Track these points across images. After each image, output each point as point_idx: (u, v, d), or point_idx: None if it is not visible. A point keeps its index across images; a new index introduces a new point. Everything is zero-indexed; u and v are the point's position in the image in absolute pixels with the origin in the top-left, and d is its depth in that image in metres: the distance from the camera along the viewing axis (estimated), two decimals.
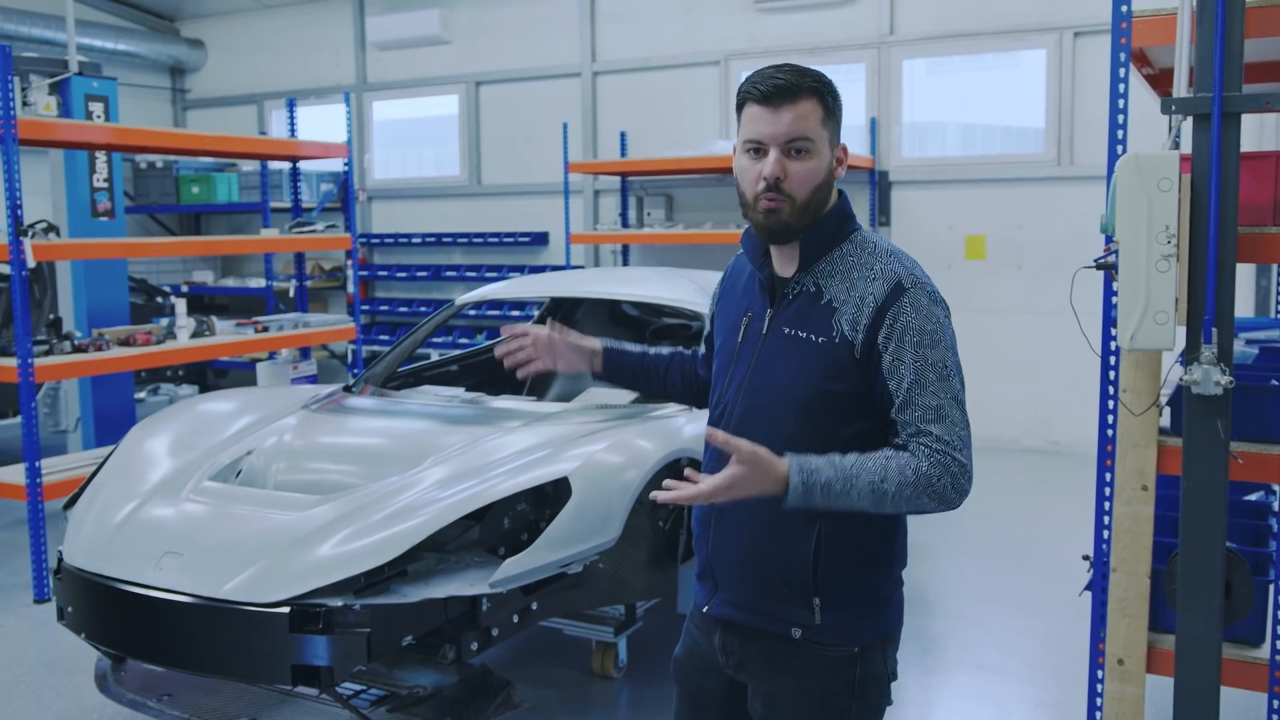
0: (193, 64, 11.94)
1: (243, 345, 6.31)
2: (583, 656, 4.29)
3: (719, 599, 2.13)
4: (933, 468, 1.89)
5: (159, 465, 3.76)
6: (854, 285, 1.99)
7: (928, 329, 1.94)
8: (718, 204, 9.28)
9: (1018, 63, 8.31)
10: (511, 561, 3.14)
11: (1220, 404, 2.65)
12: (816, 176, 1.98)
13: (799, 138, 1.95)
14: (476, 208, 10.55)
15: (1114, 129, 2.91)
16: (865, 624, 2.05)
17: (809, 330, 1.99)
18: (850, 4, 8.59)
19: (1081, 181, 7.86)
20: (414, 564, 3.23)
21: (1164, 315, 2.60)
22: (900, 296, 1.95)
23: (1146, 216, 2.59)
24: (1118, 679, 3.02)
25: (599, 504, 3.30)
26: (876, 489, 1.87)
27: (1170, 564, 2.96)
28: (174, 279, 11.14)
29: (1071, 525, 6.24)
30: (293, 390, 4.75)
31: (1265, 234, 2.77)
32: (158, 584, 3.10)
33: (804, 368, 1.99)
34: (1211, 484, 2.70)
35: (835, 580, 2.01)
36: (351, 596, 3.01)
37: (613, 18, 9.69)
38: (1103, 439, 3.05)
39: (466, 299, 5.11)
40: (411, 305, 10.68)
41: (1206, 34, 2.58)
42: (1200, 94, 2.60)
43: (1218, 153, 2.58)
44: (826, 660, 2.03)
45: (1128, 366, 2.95)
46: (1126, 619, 3.00)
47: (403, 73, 10.80)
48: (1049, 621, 4.77)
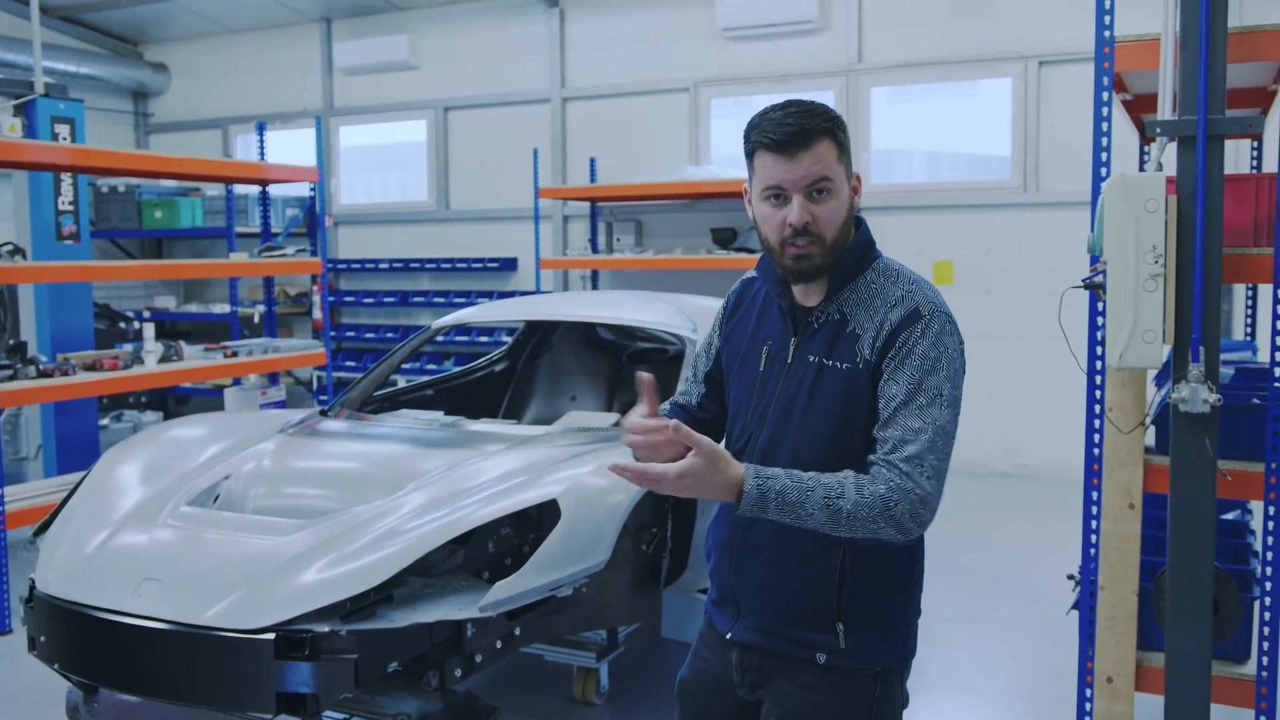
0: (156, 88, 11.83)
1: (212, 370, 6.23)
2: (564, 683, 4.24)
3: (742, 625, 2.11)
4: (891, 492, 1.85)
5: (133, 491, 3.69)
6: (876, 311, 1.99)
7: (932, 355, 1.93)
8: (687, 230, 9.31)
9: (977, 92, 8.45)
10: (502, 585, 3.10)
11: (1208, 422, 2.68)
12: (840, 214, 1.98)
13: (820, 179, 1.94)
14: (445, 233, 10.51)
15: (1098, 151, 2.95)
16: (888, 647, 2.05)
17: (834, 358, 1.99)
18: (819, 32, 8.69)
19: (1048, 208, 7.98)
20: (399, 589, 3.18)
21: (1152, 334, 2.64)
22: (915, 323, 1.95)
23: (1134, 237, 2.63)
24: (1107, 697, 3.04)
25: (588, 526, 3.27)
26: (831, 505, 1.84)
27: (1158, 582, 2.99)
28: (135, 304, 10.97)
29: (1044, 547, 6.31)
30: (266, 415, 4.68)
31: (1248, 255, 2.83)
32: (137, 611, 3.03)
33: (831, 395, 1.98)
34: (1199, 501, 2.73)
35: (859, 604, 2.01)
36: (338, 622, 2.95)
37: (582, 44, 9.74)
38: (1089, 458, 3.08)
39: (443, 323, 5.07)
40: (379, 331, 10.60)
41: (1191, 58, 2.64)
42: (1185, 117, 2.65)
43: (1203, 174, 2.62)
44: (848, 681, 2.03)
45: (1113, 386, 2.99)
46: (1115, 637, 3.02)
47: (370, 98, 10.77)
48: (1028, 643, 4.78)
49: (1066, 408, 7.85)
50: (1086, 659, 3.12)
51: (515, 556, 3.55)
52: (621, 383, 5.70)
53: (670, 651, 4.68)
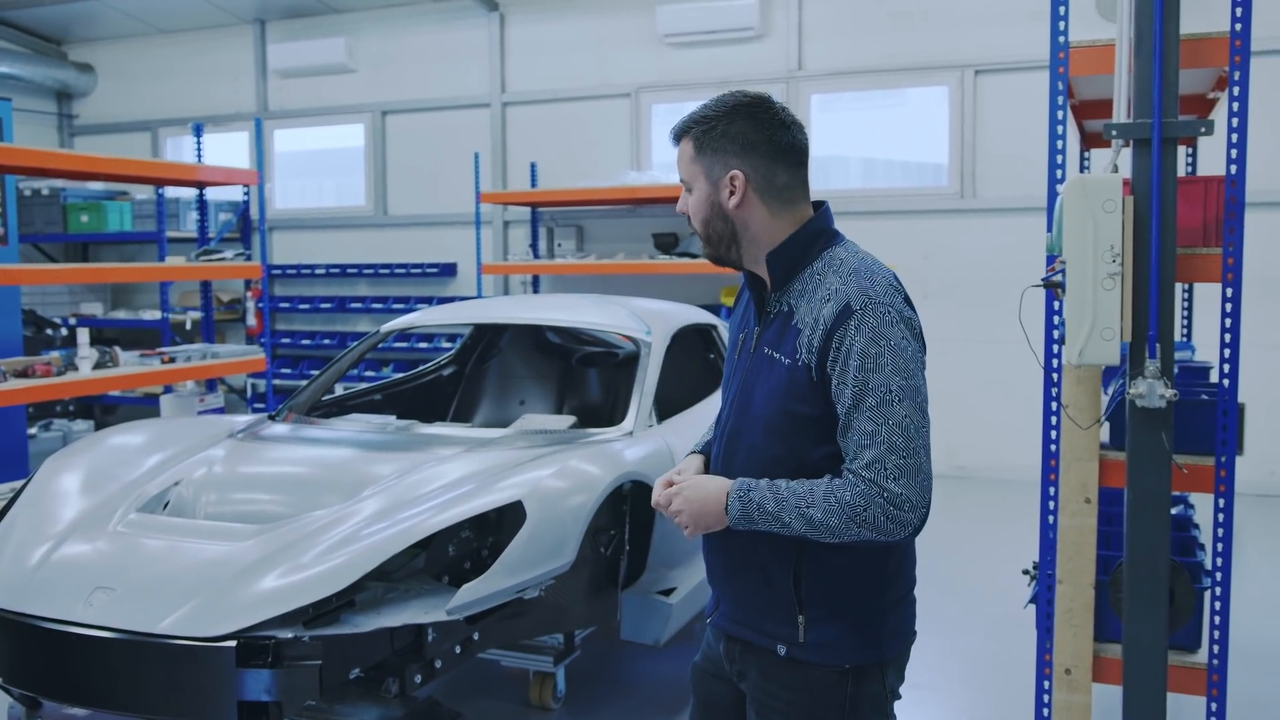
0: (81, 89, 11.52)
1: (149, 376, 6.07)
2: (520, 688, 4.21)
3: (720, 612, 2.19)
4: (856, 497, 1.87)
5: (78, 500, 3.58)
6: (814, 306, 1.99)
7: (872, 352, 1.90)
8: (629, 235, 9.32)
9: (914, 100, 8.57)
10: (469, 587, 3.07)
11: (1163, 416, 2.76)
12: (700, 208, 2.10)
13: (682, 177, 2.13)
14: (382, 238, 10.39)
15: (1053, 154, 3.02)
16: (856, 643, 2.03)
17: (779, 351, 2.02)
18: (759, 39, 8.77)
19: (984, 214, 8.14)
20: (361, 594, 3.13)
21: (1110, 331, 2.70)
22: (847, 320, 1.92)
23: (1093, 237, 2.69)
24: (1065, 688, 3.10)
25: (554, 527, 3.26)
26: (804, 514, 1.90)
27: (1115, 574, 3.06)
28: (61, 310, 10.65)
29: (983, 547, 6.43)
30: (210, 421, 4.58)
31: (1198, 254, 2.91)
32: (88, 621, 2.94)
33: (773, 388, 2.02)
34: (1156, 494, 2.80)
35: (822, 598, 2.02)
36: (301, 628, 2.90)
37: (523, 49, 9.70)
38: (1046, 454, 3.14)
39: (392, 326, 5.01)
40: (315, 338, 10.43)
41: (1145, 64, 2.71)
42: (1140, 120, 2.72)
43: (1158, 176, 2.70)
44: (815, 677, 2.03)
45: (1069, 383, 3.05)
46: (1073, 629, 3.09)
47: (307, 101, 10.60)
48: (975, 639, 4.87)
49: (1005, 409, 8.05)
50: (1045, 651, 3.18)
51: (474, 560, 3.52)
52: (571, 386, 5.69)
53: (626, 655, 4.67)
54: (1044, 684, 3.18)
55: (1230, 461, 2.96)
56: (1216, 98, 3.61)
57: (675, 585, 4.03)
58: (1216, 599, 3.05)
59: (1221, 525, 3.03)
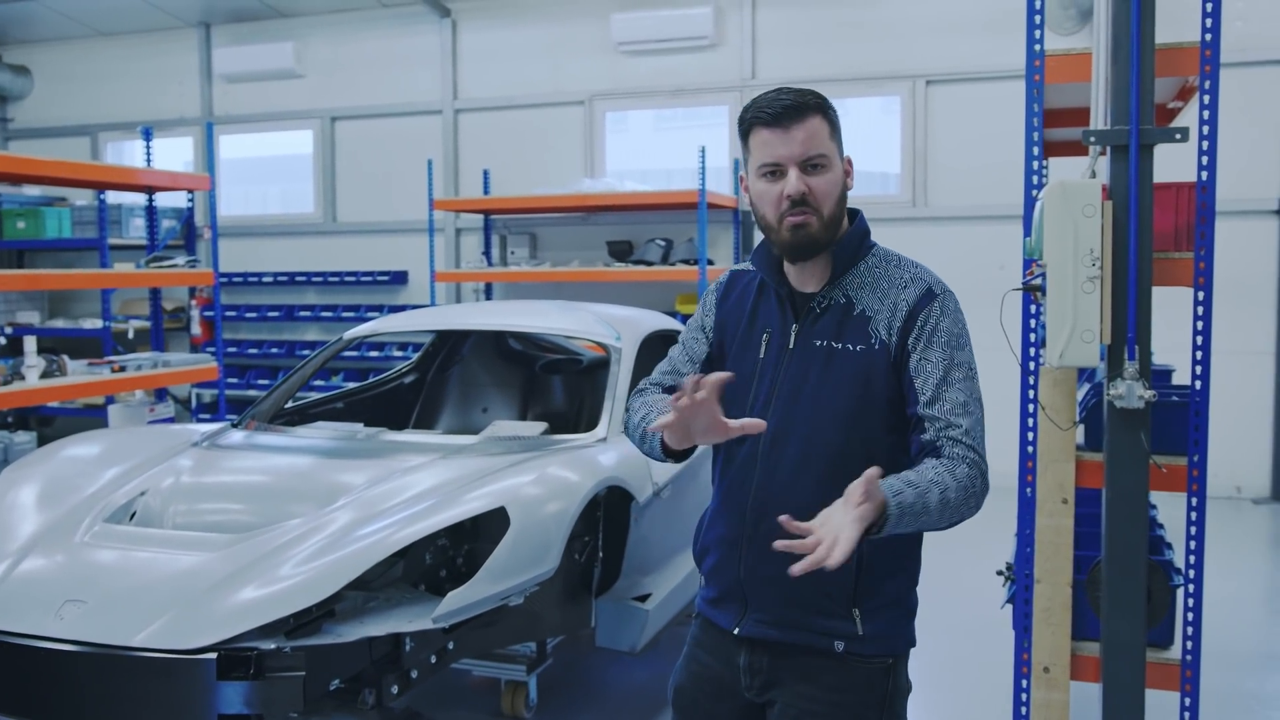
0: (16, 91, 11.21)
1: (99, 386, 5.92)
2: (492, 697, 4.17)
3: (751, 619, 2.08)
4: (971, 468, 1.90)
5: (38, 512, 3.47)
6: (885, 294, 2.04)
7: (955, 331, 2.00)
8: (583, 243, 9.30)
9: (855, 110, 8.65)
10: (455, 595, 3.03)
11: (1141, 417, 2.81)
12: (836, 188, 2.02)
13: (814, 154, 1.98)
14: (332, 246, 10.25)
15: (1029, 160, 3.08)
16: (899, 634, 2.08)
17: (844, 340, 2.02)
18: (713, 48, 8.82)
19: (935, 222, 8.26)
20: (341, 603, 3.07)
21: (1090, 333, 2.76)
22: (931, 301, 2.02)
23: (1073, 241, 2.74)
24: (1044, 687, 3.14)
25: (536, 534, 3.22)
26: (943, 498, 1.84)
27: (1093, 573, 3.11)
28: None
29: (956, 548, 6.48)
30: (168, 430, 4.48)
31: (1172, 258, 2.98)
32: (59, 635, 2.84)
33: (843, 377, 2.00)
34: (1134, 494, 2.86)
35: (874, 590, 2.03)
36: (282, 639, 2.84)
37: (475, 55, 9.65)
38: (1023, 455, 3.18)
39: (355, 333, 4.94)
40: (262, 347, 10.25)
41: (1123, 71, 2.77)
42: (1118, 127, 2.78)
43: (1136, 181, 2.76)
44: (864, 672, 2.04)
45: (1046, 385, 3.10)
46: (1051, 628, 3.13)
47: (253, 106, 10.43)
48: (946, 641, 4.91)
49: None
50: (1023, 650, 3.22)
51: (450, 569, 3.48)
52: (534, 393, 5.66)
53: (597, 663, 4.65)
54: (1022, 682, 3.22)
55: (1203, 462, 3.03)
56: (1178, 107, 3.70)
57: (650, 591, 4.01)
58: (1190, 595, 3.12)
59: (1194, 524, 3.09)
